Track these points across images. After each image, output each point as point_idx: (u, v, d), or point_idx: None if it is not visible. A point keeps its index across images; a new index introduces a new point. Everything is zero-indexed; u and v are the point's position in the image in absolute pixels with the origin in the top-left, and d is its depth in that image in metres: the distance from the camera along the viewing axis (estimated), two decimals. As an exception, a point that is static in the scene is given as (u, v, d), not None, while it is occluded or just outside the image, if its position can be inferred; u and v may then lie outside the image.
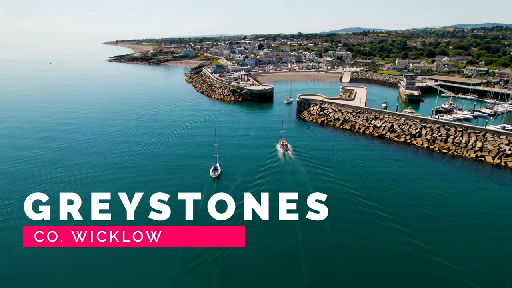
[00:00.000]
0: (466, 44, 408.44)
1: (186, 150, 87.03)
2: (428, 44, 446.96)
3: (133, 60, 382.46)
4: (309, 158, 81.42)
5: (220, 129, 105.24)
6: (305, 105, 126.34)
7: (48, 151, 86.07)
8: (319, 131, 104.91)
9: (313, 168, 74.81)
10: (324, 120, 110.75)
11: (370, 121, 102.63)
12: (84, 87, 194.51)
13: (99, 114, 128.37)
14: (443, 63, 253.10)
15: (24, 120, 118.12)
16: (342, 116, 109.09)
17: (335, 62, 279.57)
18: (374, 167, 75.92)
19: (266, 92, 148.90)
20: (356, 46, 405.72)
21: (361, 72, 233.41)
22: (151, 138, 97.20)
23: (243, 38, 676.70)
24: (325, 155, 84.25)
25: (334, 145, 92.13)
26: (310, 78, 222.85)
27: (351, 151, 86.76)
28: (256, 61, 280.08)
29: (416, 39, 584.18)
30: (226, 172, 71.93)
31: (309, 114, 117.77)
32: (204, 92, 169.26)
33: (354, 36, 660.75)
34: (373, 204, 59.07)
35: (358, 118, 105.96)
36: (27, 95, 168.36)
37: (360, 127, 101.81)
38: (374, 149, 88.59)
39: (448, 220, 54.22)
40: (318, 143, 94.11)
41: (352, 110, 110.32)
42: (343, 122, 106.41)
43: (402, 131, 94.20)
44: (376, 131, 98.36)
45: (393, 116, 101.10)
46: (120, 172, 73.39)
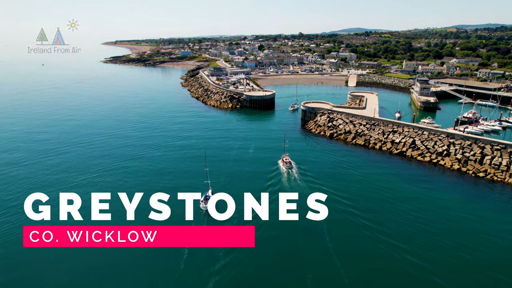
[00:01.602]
0: (474, 45, 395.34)
1: (171, 172, 73.16)
2: (434, 45, 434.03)
3: (129, 62, 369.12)
4: (317, 179, 68.79)
5: (215, 142, 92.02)
6: (311, 114, 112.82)
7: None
8: (328, 145, 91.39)
9: (323, 192, 61.57)
10: (334, 133, 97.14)
11: (387, 135, 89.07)
12: (66, 91, 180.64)
13: (66, 123, 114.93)
14: (454, 65, 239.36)
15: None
16: (354, 128, 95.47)
17: (339, 64, 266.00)
18: (397, 192, 63.22)
19: (267, 99, 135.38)
20: (360, 47, 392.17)
21: (367, 75, 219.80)
22: (129, 154, 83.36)
23: (243, 38, 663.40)
24: (337, 176, 71.29)
25: (346, 163, 78.76)
26: (313, 81, 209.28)
27: (367, 172, 73.40)
28: (256, 63, 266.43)
29: (419, 39, 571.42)
30: (220, 199, 58.72)
31: (316, 125, 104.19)
32: (200, 97, 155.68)
33: (356, 37, 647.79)
34: (400, 244, 47.03)
35: (372, 131, 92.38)
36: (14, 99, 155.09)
37: (376, 142, 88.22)
38: (395, 170, 75.12)
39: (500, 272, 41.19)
40: (327, 160, 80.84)
41: (365, 122, 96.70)
42: (356, 136, 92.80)
43: (426, 148, 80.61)
44: (395, 147, 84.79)
45: (413, 129, 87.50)
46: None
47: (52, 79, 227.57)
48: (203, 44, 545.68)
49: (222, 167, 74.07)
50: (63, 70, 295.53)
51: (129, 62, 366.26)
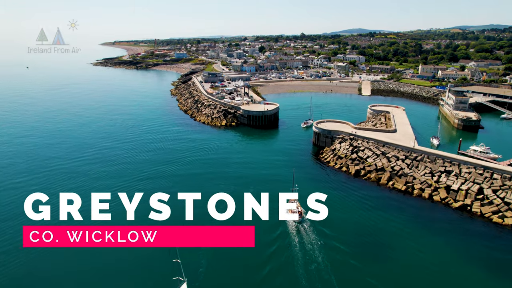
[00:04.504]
0: (489, 47, 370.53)
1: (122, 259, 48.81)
2: (445, 47, 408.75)
3: (120, 64, 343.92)
4: (347, 253, 45.76)
5: (196, 186, 66.22)
6: (326, 139, 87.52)
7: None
8: (354, 189, 65.99)
9: (356, 271, 42.36)
10: (360, 169, 71.58)
11: (437, 177, 63.61)
12: (35, 101, 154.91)
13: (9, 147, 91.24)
14: (478, 70, 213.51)
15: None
16: (388, 164, 69.98)
17: (348, 68, 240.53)
18: (471, 278, 38.58)
19: (269, 115, 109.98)
20: (367, 49, 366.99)
21: (382, 81, 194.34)
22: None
23: (243, 39, 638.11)
24: (376, 248, 47.58)
25: (386, 222, 54.31)
26: (321, 88, 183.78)
27: (425, 243, 48.63)
28: (256, 66, 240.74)
29: (426, 41, 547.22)
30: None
31: (335, 156, 78.73)
32: (188, 111, 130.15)
33: (361, 38, 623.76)
34: None
35: (415, 169, 66.91)
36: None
37: (423, 188, 62.73)
38: (460, 237, 50.14)
39: None
40: (356, 215, 56.61)
41: (403, 155, 71.23)
42: (392, 176, 67.28)
43: (503, 202, 55.12)
44: (453, 197, 59.34)
45: (475, 169, 62.01)
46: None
47: (25, 85, 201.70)
48: (200, 45, 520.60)
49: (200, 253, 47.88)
50: (46, 73, 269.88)
51: (120, 65, 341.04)
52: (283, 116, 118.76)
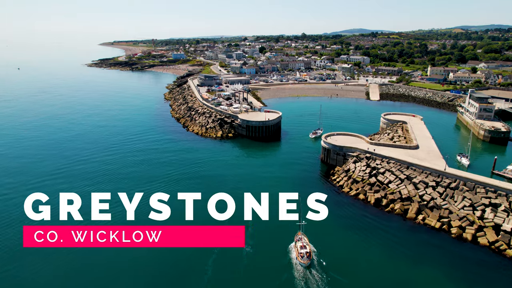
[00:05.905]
0: (498, 47, 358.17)
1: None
2: (451, 47, 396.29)
3: (116, 65, 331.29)
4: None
5: (181, 204, 53.55)
6: (337, 156, 74.94)
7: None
8: (375, 224, 53.49)
9: None
10: (381, 198, 58.95)
11: (482, 213, 51.04)
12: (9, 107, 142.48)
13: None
14: (491, 72, 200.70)
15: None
16: (415, 192, 57.38)
17: (353, 70, 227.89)
18: None
19: (270, 125, 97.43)
20: (372, 50, 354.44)
21: (391, 84, 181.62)
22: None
23: (243, 39, 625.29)
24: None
25: (415, 270, 41.71)
26: (326, 93, 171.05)
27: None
28: (256, 68, 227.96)
29: (431, 41, 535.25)
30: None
31: (350, 180, 66.04)
32: (181, 119, 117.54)
33: (363, 38, 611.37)
34: None
35: (451, 200, 54.33)
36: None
37: (464, 227, 50.11)
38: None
39: None
40: (380, 263, 44.58)
41: (432, 180, 58.61)
42: (421, 208, 54.68)
43: None
44: (507, 241, 46.70)
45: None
46: None
47: (8, 88, 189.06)
48: (199, 45, 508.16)
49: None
50: (36, 75, 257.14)
51: (115, 66, 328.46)
52: (285, 125, 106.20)
